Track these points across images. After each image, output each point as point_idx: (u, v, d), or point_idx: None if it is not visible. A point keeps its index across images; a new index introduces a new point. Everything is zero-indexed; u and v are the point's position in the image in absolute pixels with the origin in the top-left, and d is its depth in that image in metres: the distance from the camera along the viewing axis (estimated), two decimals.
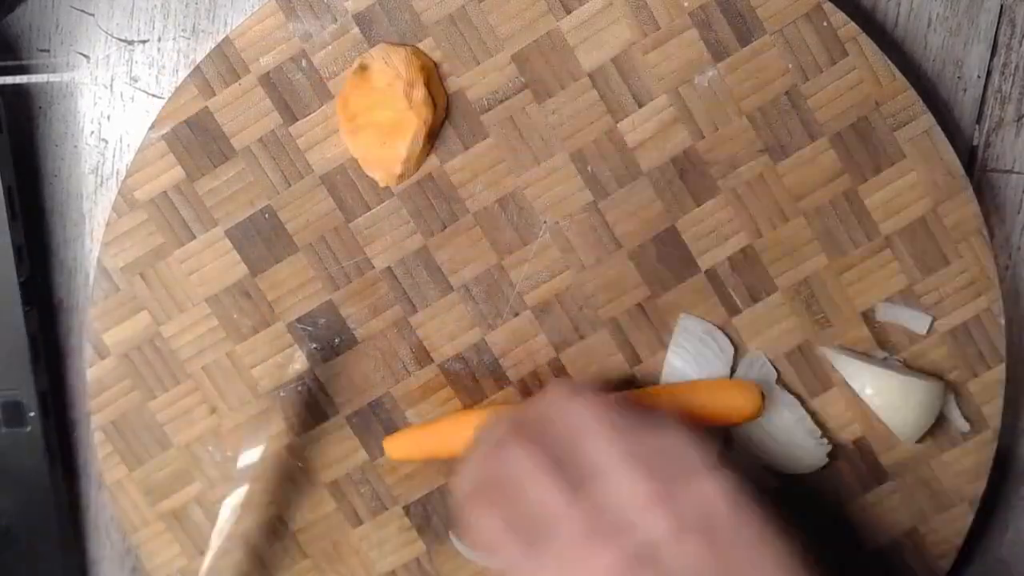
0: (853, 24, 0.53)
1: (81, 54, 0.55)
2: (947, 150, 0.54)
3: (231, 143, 0.53)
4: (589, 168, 0.54)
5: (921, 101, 0.53)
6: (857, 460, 0.56)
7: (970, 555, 0.59)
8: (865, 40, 0.53)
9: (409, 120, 0.52)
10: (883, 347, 0.55)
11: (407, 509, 0.56)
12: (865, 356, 0.55)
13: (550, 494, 0.45)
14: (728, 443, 0.55)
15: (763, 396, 0.54)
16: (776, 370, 0.55)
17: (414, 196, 0.54)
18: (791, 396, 0.55)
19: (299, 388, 0.55)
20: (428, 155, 0.53)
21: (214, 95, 0.53)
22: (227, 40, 0.52)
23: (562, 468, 0.46)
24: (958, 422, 0.55)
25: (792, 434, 0.55)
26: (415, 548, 0.56)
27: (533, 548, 0.45)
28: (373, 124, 0.52)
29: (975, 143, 0.57)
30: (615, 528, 0.44)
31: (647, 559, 0.43)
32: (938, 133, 0.54)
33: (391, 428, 0.55)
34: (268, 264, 0.54)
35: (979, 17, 0.56)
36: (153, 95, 0.56)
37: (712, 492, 0.44)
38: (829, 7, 0.53)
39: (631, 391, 0.54)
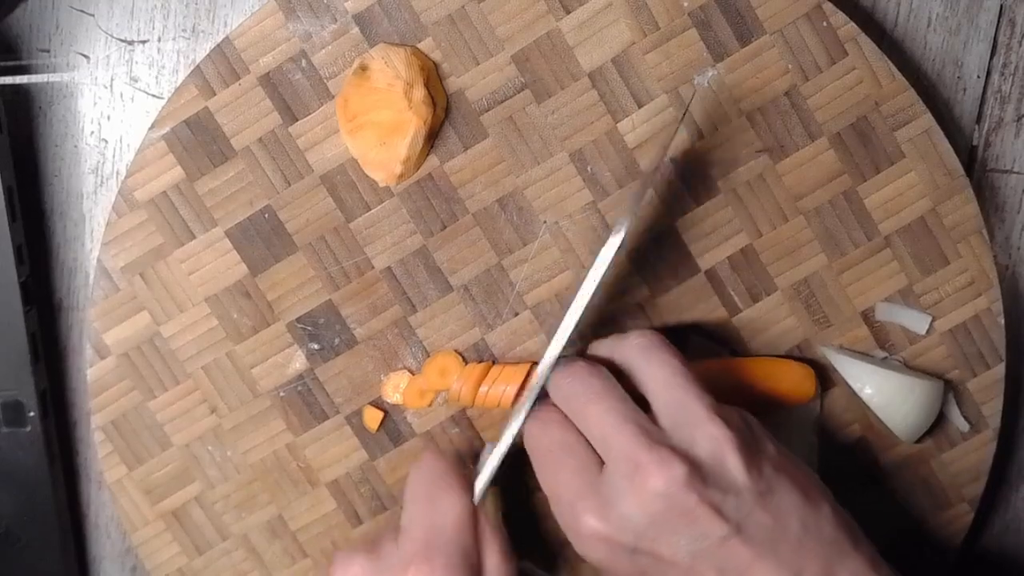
0: (853, 24, 0.53)
1: (81, 54, 0.55)
2: (947, 150, 0.54)
3: (231, 143, 0.53)
4: (589, 168, 0.54)
5: (921, 101, 0.53)
6: (857, 460, 0.56)
7: (970, 555, 0.59)
8: (865, 40, 0.53)
9: (409, 120, 0.52)
10: (883, 347, 0.55)
11: None
12: (865, 356, 0.55)
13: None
14: None
15: (816, 380, 0.54)
16: (822, 405, 0.55)
17: (414, 196, 0.54)
18: (815, 440, 0.55)
19: (299, 388, 0.55)
20: (428, 155, 0.53)
21: (214, 95, 0.53)
22: (227, 40, 0.52)
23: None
24: (958, 422, 0.55)
25: None
26: None
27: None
28: (373, 124, 0.52)
29: (975, 143, 0.57)
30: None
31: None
32: (938, 133, 0.54)
33: (390, 428, 0.55)
34: (268, 264, 0.54)
35: (979, 17, 0.56)
36: (153, 95, 0.56)
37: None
38: (829, 7, 0.53)
39: (703, 361, 0.54)
